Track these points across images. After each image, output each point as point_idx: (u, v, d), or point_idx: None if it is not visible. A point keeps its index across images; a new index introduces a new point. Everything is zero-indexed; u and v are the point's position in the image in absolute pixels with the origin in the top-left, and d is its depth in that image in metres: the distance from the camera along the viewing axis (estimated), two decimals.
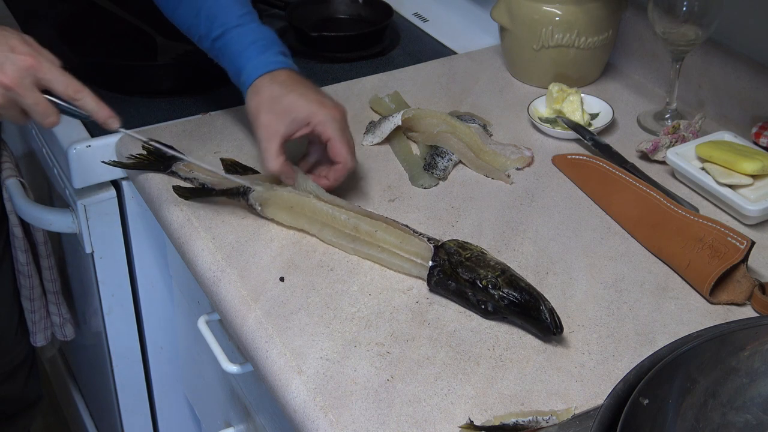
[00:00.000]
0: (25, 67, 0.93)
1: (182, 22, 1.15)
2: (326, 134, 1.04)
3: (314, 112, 1.04)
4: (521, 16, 1.31)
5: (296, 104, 1.04)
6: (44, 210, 1.32)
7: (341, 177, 1.06)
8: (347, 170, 1.06)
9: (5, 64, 0.93)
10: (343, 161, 1.05)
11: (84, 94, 0.96)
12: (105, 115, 0.98)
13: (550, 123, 1.24)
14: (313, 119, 1.04)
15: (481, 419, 0.81)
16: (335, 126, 1.04)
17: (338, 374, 0.86)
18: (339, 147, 1.04)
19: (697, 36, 1.15)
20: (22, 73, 0.93)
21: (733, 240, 0.95)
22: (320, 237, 1.03)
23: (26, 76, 0.94)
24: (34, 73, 0.94)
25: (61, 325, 1.50)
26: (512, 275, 0.91)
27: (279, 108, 1.04)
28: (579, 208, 1.10)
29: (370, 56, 1.46)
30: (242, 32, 1.10)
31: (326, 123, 1.04)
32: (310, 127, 1.04)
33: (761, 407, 0.75)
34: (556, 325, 0.87)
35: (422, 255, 0.97)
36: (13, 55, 0.93)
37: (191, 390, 1.42)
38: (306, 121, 1.04)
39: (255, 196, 1.05)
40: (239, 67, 1.08)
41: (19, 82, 0.93)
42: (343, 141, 1.04)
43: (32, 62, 0.94)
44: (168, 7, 1.16)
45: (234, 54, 1.09)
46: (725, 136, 1.14)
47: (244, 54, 1.08)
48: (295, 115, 1.03)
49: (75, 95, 0.96)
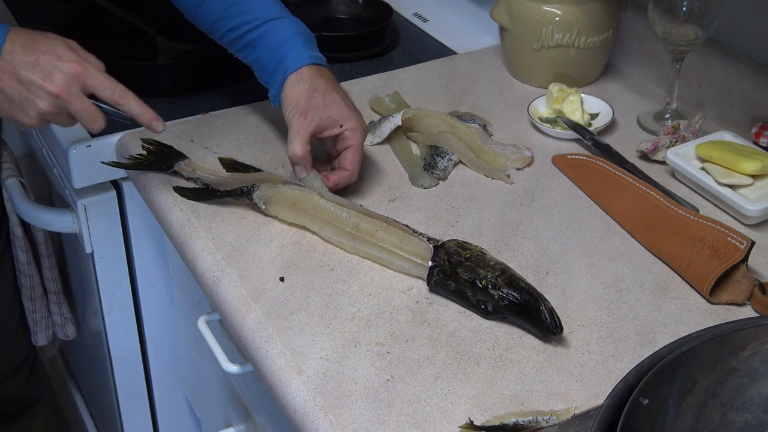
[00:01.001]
0: (72, 74, 0.96)
1: (208, 17, 1.15)
2: (352, 141, 1.07)
3: (350, 117, 1.07)
4: (521, 16, 1.31)
5: (337, 104, 1.07)
6: (44, 210, 1.32)
7: (342, 184, 1.08)
8: (350, 180, 1.08)
9: (53, 73, 0.95)
10: (352, 171, 1.07)
11: (129, 99, 0.99)
12: (149, 117, 1.01)
13: (550, 123, 1.24)
14: (347, 123, 1.06)
15: (481, 419, 0.81)
16: (360, 137, 1.08)
17: (338, 374, 0.86)
18: (355, 157, 1.07)
19: (697, 36, 1.15)
20: (70, 81, 0.96)
21: (733, 240, 0.95)
22: (321, 235, 1.03)
23: (73, 84, 0.96)
24: (81, 80, 0.96)
25: (63, 325, 1.50)
26: (512, 275, 0.91)
27: (320, 101, 1.06)
28: (579, 208, 1.10)
29: (370, 56, 1.46)
30: (286, 23, 1.11)
31: (356, 131, 1.07)
32: (341, 129, 1.07)
33: (761, 407, 0.75)
34: (556, 325, 0.87)
35: (422, 255, 0.97)
36: (60, 63, 0.95)
37: (191, 390, 1.42)
38: (340, 123, 1.06)
39: (259, 194, 1.05)
40: (281, 55, 1.09)
41: (67, 90, 0.95)
42: (360, 153, 1.08)
43: (79, 69, 0.96)
44: (192, 3, 1.16)
45: (276, 43, 1.10)
46: (725, 136, 1.14)
47: (287, 43, 1.09)
48: (333, 113, 1.06)
49: (120, 100, 0.99)
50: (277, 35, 1.10)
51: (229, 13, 1.12)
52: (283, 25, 1.11)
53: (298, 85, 1.07)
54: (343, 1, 1.58)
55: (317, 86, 1.07)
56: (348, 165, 1.07)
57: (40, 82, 0.95)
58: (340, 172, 1.07)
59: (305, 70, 1.08)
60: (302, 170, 1.06)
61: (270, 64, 1.10)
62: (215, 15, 1.14)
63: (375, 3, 1.56)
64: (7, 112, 0.98)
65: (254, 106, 1.28)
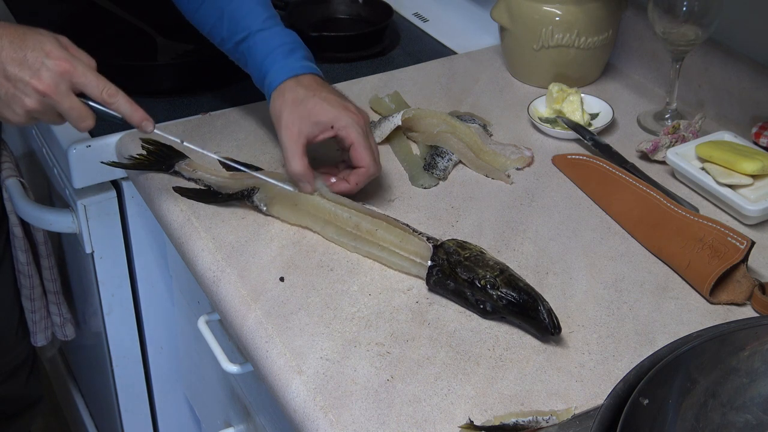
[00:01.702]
0: (60, 72, 0.93)
1: (204, 23, 1.15)
2: (349, 139, 1.05)
3: (337, 116, 1.04)
4: (521, 16, 1.31)
5: (320, 107, 1.04)
6: (44, 210, 1.32)
7: (363, 182, 1.06)
8: (369, 175, 1.06)
9: (41, 71, 0.93)
10: (366, 166, 1.05)
11: (119, 98, 0.97)
12: (139, 117, 0.99)
13: (550, 123, 1.24)
14: (337, 123, 1.04)
15: (481, 419, 0.81)
16: (358, 131, 1.05)
17: (338, 374, 0.86)
18: (361, 151, 1.05)
19: (697, 36, 1.15)
20: (57, 79, 0.93)
21: (733, 240, 0.95)
22: (323, 234, 1.03)
23: (61, 82, 0.93)
24: (69, 78, 0.94)
25: (62, 325, 1.50)
26: (511, 275, 0.91)
27: (303, 111, 1.04)
28: (579, 208, 1.10)
29: (370, 56, 1.46)
30: (267, 36, 1.10)
31: (349, 127, 1.04)
32: (333, 131, 1.05)
33: (761, 407, 0.75)
34: (554, 325, 0.87)
35: (421, 254, 0.97)
36: (48, 61, 0.93)
37: (191, 390, 1.42)
38: (329, 125, 1.04)
39: (260, 196, 1.05)
40: (264, 71, 1.09)
41: (55, 88, 0.93)
42: (365, 146, 1.05)
43: (67, 67, 0.93)
44: (189, 8, 1.16)
45: (259, 58, 1.09)
46: (725, 136, 1.14)
47: (269, 57, 1.08)
48: (319, 118, 1.04)
49: (109, 99, 0.96)
50: (259, 50, 1.09)
51: (220, 23, 1.12)
52: (264, 39, 1.10)
53: (278, 101, 1.06)
54: (343, 1, 1.58)
55: (296, 96, 1.05)
56: (359, 161, 1.05)
57: (27, 79, 0.92)
58: (357, 171, 1.06)
59: (284, 85, 1.06)
60: (307, 186, 1.04)
61: (258, 79, 1.11)
62: (208, 26, 1.14)
63: (375, 3, 1.56)
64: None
65: (254, 106, 1.28)
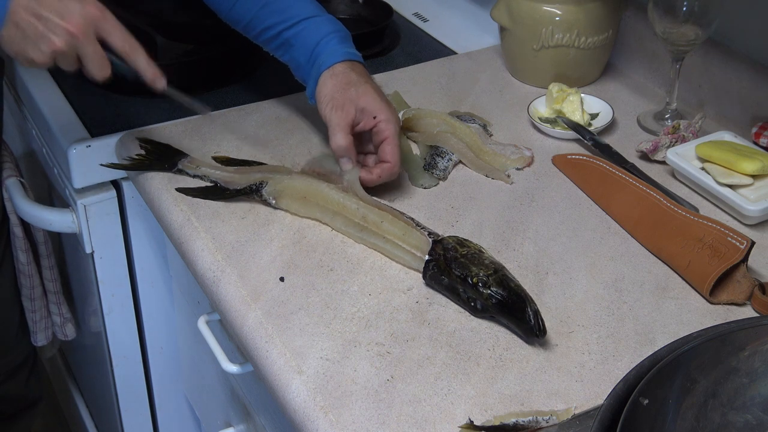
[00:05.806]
0: (92, 17, 0.97)
1: (243, 16, 1.16)
2: (386, 133, 1.07)
3: (383, 108, 1.08)
4: (521, 16, 1.31)
5: (370, 96, 1.08)
6: (44, 210, 1.32)
7: (385, 177, 1.08)
8: (392, 173, 1.08)
9: (74, 13, 0.96)
10: (393, 162, 1.08)
11: (138, 53, 1.01)
12: (153, 73, 1.02)
13: (550, 123, 1.24)
14: (380, 115, 1.07)
15: (481, 419, 0.81)
16: (396, 128, 1.08)
17: (338, 374, 0.86)
18: (393, 148, 1.08)
19: (697, 36, 1.15)
20: (87, 23, 0.97)
21: (733, 240, 0.95)
22: (332, 225, 1.04)
23: (90, 26, 0.97)
24: (98, 24, 0.98)
25: (62, 325, 1.50)
26: (504, 275, 0.91)
27: (353, 94, 1.07)
28: (579, 208, 1.10)
29: (370, 56, 1.46)
30: (320, 21, 1.13)
31: (390, 122, 1.08)
32: (375, 121, 1.08)
33: (761, 407, 0.75)
34: (539, 327, 0.87)
35: (422, 248, 0.97)
36: (80, 6, 0.97)
37: (191, 390, 1.42)
38: (373, 115, 1.07)
39: (268, 190, 1.06)
40: (317, 53, 1.11)
41: (84, 30, 0.97)
42: (397, 144, 1.08)
43: (98, 14, 0.98)
44: (226, 3, 1.17)
45: (311, 40, 1.11)
46: (725, 136, 1.15)
47: (323, 41, 1.11)
48: (366, 105, 1.07)
49: (131, 50, 1.00)
50: (311, 34, 1.12)
51: (263, 12, 1.14)
52: (316, 24, 1.12)
53: (331, 80, 1.08)
54: (343, 1, 1.58)
55: (350, 79, 1.08)
56: (388, 157, 1.08)
57: (58, 20, 0.96)
58: (382, 165, 1.08)
59: (338, 66, 1.09)
60: (348, 162, 1.07)
61: (305, 62, 1.12)
62: (249, 15, 1.15)
63: (375, 3, 1.56)
64: (18, 47, 0.98)
65: (254, 106, 1.28)
